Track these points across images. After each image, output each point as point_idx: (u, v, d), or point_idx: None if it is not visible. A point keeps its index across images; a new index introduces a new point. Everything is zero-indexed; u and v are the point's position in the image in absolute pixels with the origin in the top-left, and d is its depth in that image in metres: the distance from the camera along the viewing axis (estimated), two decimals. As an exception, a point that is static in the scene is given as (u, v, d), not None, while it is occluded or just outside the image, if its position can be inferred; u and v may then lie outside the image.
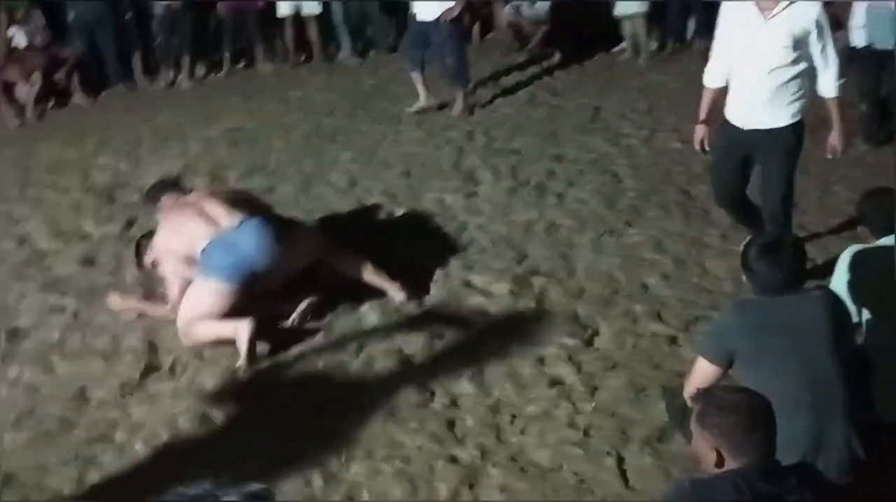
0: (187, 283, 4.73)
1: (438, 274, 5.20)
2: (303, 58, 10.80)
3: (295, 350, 4.55)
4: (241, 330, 4.45)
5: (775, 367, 2.98)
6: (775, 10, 4.40)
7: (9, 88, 9.48)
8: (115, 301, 5.03)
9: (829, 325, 3.08)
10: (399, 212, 6.17)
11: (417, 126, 7.96)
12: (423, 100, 8.28)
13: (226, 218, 4.73)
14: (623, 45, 10.06)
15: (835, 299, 3.26)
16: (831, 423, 3.00)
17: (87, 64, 10.06)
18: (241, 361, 4.43)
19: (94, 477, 3.73)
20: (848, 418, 3.03)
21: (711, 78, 4.74)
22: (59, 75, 9.77)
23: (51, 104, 9.62)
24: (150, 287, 5.11)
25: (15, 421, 4.12)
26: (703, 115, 4.79)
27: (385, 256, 5.19)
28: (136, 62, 10.26)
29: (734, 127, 4.61)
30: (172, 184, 5.36)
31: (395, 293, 4.93)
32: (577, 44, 10.00)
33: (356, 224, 6.00)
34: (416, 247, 5.58)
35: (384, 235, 5.81)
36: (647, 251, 5.36)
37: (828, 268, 4.01)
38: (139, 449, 3.88)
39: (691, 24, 9.99)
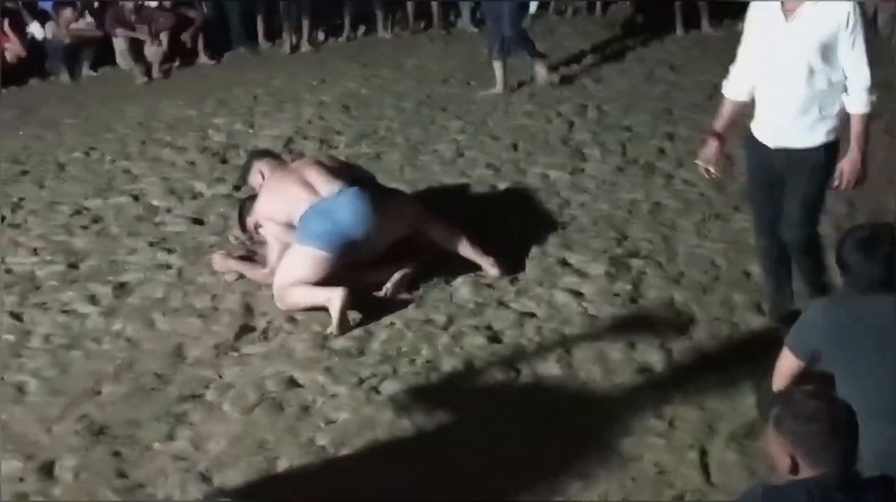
0: (286, 248, 4.81)
1: (535, 251, 5.14)
2: (422, 25, 10.81)
3: (385, 320, 4.58)
4: (334, 297, 4.50)
5: (859, 371, 2.82)
6: (798, 11, 3.75)
7: (137, 47, 9.81)
8: (218, 261, 5.16)
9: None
10: (502, 185, 6.12)
11: (529, 98, 7.87)
12: (498, 86, 8.01)
13: (325, 186, 4.78)
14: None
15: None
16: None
17: (213, 25, 10.33)
18: (333, 328, 4.49)
19: (183, 434, 3.85)
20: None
21: (732, 88, 4.07)
22: (186, 36, 10.06)
23: (176, 63, 9.91)
24: (252, 249, 5.23)
25: (114, 374, 4.28)
26: (717, 127, 4.11)
27: (483, 230, 5.17)
28: (260, 25, 10.46)
29: (762, 145, 3.98)
30: (266, 154, 5.46)
31: (490, 268, 4.90)
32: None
33: (457, 196, 5.98)
34: (515, 222, 5.54)
35: (484, 209, 5.78)
36: (753, 238, 5.16)
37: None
38: (227, 410, 3.98)
39: None
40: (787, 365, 3.03)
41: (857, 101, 3.81)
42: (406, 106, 7.93)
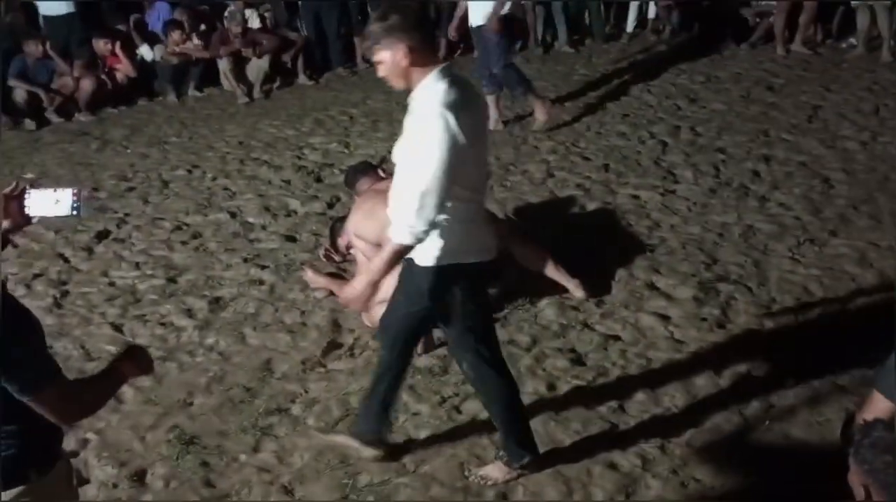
0: (375, 266, 4.88)
1: (621, 273, 5.11)
2: (518, 46, 10.83)
3: (470, 340, 4.60)
4: (419, 316, 4.54)
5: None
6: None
7: (241, 67, 10.09)
8: (309, 276, 5.28)
9: None
10: (591, 206, 6.10)
11: (623, 118, 7.83)
12: (490, 122, 7.56)
13: (414, 205, 4.84)
14: (853, 39, 9.44)
15: None
16: None
17: (312, 46, 10.57)
18: (417, 347, 4.52)
19: (268, 446, 3.94)
20: None
21: None
22: (286, 57, 10.32)
23: (277, 84, 10.16)
24: (343, 267, 5.34)
25: (205, 386, 4.41)
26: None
27: (570, 251, 5.16)
28: (358, 46, 10.65)
29: None
30: (369, 168, 5.54)
31: (575, 290, 4.89)
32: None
33: (546, 216, 5.98)
34: (603, 243, 5.51)
35: (572, 230, 5.77)
36: (850, 264, 5.04)
37: None
38: (311, 424, 4.07)
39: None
40: (874, 409, 2.86)
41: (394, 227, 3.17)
42: (498, 126, 7.95)
